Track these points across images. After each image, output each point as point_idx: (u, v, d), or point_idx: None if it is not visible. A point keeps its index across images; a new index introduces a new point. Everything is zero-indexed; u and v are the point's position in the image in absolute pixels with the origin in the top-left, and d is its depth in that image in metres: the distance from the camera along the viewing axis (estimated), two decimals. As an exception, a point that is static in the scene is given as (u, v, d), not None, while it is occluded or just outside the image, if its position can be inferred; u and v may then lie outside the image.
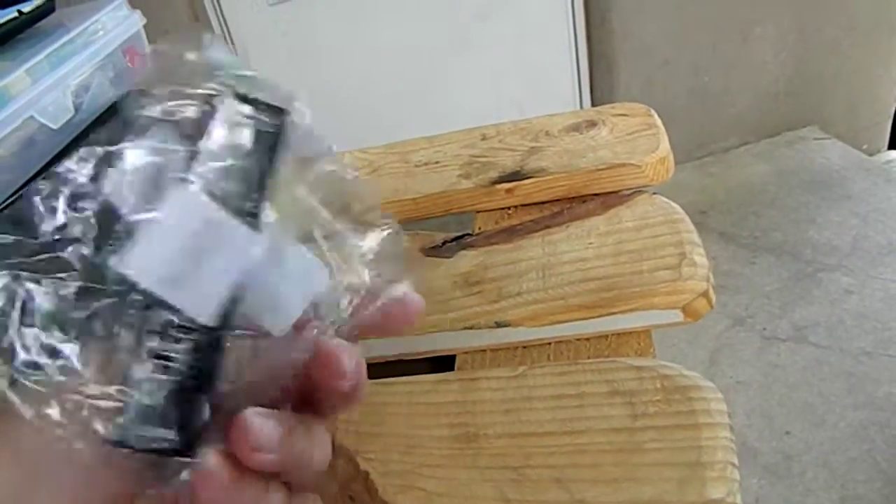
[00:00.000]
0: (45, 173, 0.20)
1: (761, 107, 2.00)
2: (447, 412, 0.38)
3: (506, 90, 1.89)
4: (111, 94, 0.43)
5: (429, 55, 1.82)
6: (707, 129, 2.01)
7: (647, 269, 0.44)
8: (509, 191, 0.55)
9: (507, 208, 0.56)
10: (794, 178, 1.88)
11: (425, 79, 1.85)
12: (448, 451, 0.36)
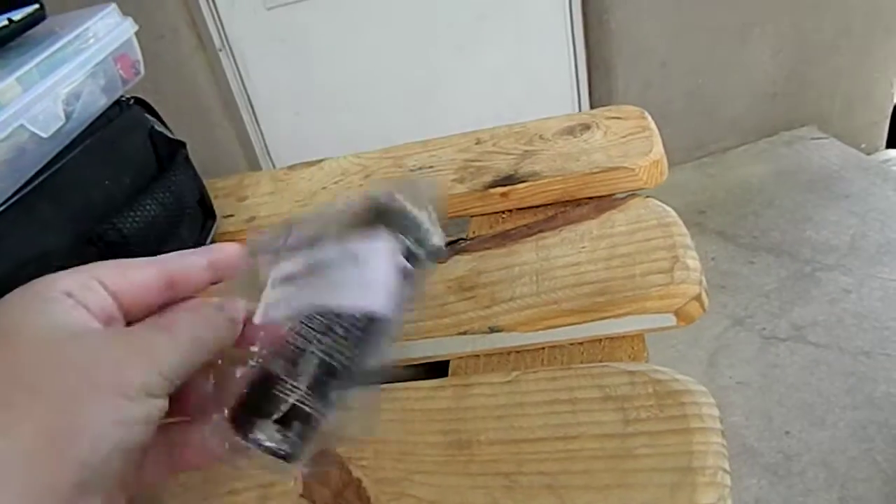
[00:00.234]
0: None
1: (759, 107, 2.00)
2: (440, 419, 0.38)
3: (504, 93, 1.89)
4: (102, 102, 0.43)
5: (426, 58, 1.82)
6: (705, 129, 2.01)
7: (640, 272, 0.44)
8: (503, 195, 0.55)
9: (502, 212, 0.56)
10: (792, 178, 1.88)
11: (423, 82, 1.85)
12: (441, 458, 0.36)
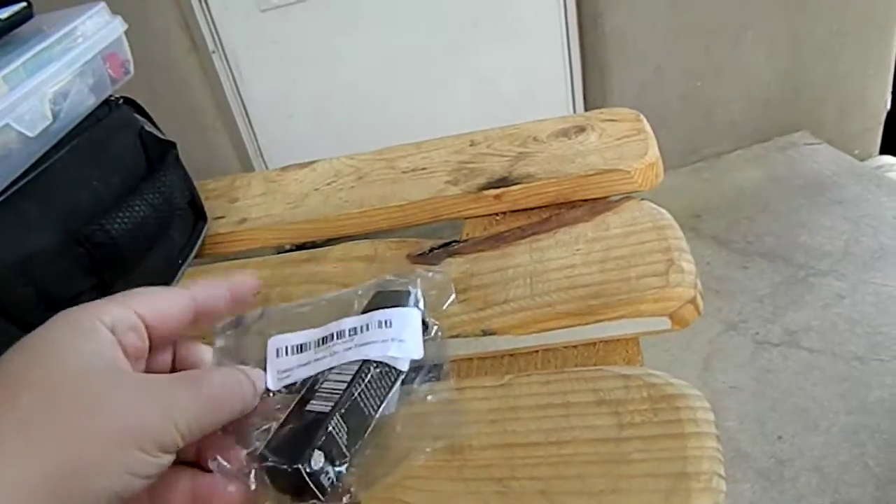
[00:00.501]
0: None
1: (753, 112, 2.01)
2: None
3: (499, 96, 1.89)
4: (91, 102, 0.42)
5: (421, 61, 1.81)
6: (700, 134, 2.02)
7: (634, 275, 0.43)
8: (497, 197, 0.55)
9: (496, 214, 0.55)
10: (786, 183, 1.88)
11: (418, 85, 1.85)
12: (433, 463, 0.35)
